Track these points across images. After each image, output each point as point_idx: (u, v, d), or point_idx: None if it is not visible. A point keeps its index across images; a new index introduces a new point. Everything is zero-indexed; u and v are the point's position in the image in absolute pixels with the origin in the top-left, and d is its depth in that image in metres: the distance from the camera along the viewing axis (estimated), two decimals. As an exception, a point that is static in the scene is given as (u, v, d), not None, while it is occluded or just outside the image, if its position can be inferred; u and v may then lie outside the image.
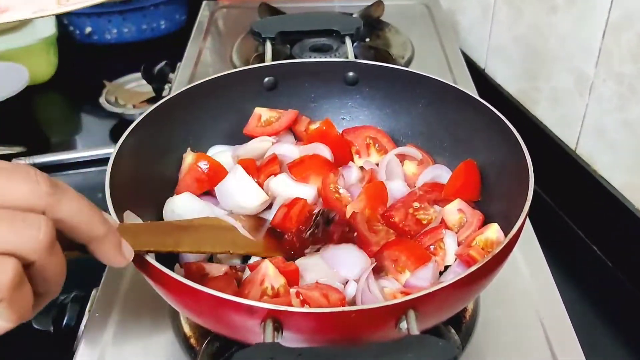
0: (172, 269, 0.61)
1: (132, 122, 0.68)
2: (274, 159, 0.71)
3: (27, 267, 0.35)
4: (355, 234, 0.58)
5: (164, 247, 0.55)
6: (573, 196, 0.98)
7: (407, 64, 1.06)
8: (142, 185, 0.67)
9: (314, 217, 0.60)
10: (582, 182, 0.96)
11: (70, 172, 1.12)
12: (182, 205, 0.67)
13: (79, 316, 0.72)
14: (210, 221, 0.63)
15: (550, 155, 1.00)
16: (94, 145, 1.16)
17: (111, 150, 0.99)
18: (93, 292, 0.73)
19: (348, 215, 0.64)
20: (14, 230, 0.34)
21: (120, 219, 0.57)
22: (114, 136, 1.21)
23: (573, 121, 0.97)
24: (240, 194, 0.64)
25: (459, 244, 0.63)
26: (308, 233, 0.59)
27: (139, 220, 0.62)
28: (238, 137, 0.76)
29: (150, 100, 1.26)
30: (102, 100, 1.25)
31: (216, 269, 0.62)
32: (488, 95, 1.08)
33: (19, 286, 0.34)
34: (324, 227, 0.59)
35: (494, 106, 0.77)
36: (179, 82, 1.07)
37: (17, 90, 1.16)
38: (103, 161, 1.01)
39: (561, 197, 1.00)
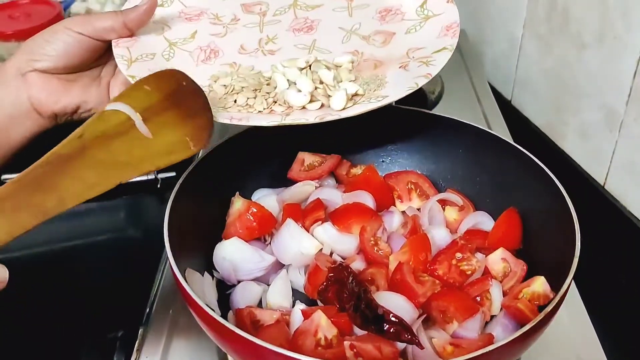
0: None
1: None
2: (319, 204, 0.73)
3: None
4: (416, 338, 0.57)
5: (46, 214, 0.50)
6: (602, 232, 1.00)
7: (438, 98, 1.08)
8: (192, 229, 0.69)
9: (355, 297, 0.61)
10: (611, 217, 0.97)
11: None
12: (232, 251, 0.69)
13: (126, 356, 0.74)
14: (95, 127, 0.56)
15: (578, 190, 1.02)
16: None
17: (141, 178, 1.02)
18: (140, 331, 0.76)
19: (392, 267, 0.66)
20: None
21: (181, 270, 0.59)
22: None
23: (602, 156, 0.99)
24: (296, 246, 0.67)
25: (504, 294, 0.65)
26: (358, 321, 0.60)
27: (199, 276, 0.64)
28: (282, 180, 0.78)
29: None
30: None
31: (268, 316, 0.64)
32: (515, 127, 1.11)
33: None
34: (377, 324, 0.58)
35: (521, 137, 0.78)
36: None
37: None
38: (131, 188, 1.01)
39: (590, 233, 1.02)
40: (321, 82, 0.68)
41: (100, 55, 0.70)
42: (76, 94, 0.70)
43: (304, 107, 0.67)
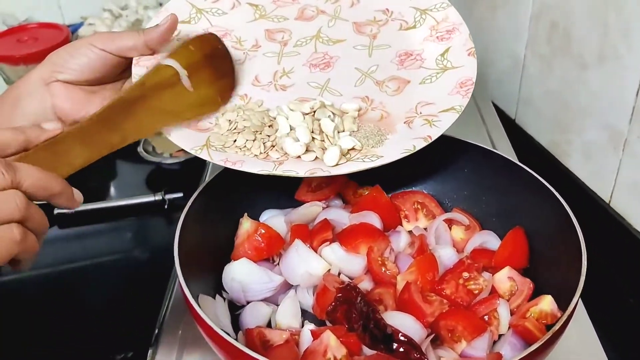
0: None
1: (168, 170, 0.72)
2: (327, 225, 0.73)
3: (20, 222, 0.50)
4: (426, 358, 0.59)
5: (112, 148, 0.61)
6: (608, 250, 1.00)
7: (442, 118, 1.09)
8: (202, 251, 0.70)
9: (364, 318, 0.62)
10: (617, 235, 0.97)
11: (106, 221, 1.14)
12: (241, 272, 0.70)
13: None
14: (153, 77, 0.66)
15: (583, 208, 1.02)
16: (130, 194, 1.19)
17: (148, 199, 1.03)
18: (149, 352, 0.76)
19: (400, 287, 0.67)
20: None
21: (193, 294, 0.60)
22: (150, 185, 1.24)
23: (607, 175, 1.00)
24: (304, 267, 0.67)
25: (511, 313, 0.66)
26: (367, 341, 0.60)
27: (211, 300, 0.66)
28: (289, 201, 0.79)
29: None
30: (139, 149, 1.29)
31: (278, 336, 0.65)
32: (520, 146, 1.12)
33: (24, 235, 0.49)
34: (386, 344, 0.59)
35: (526, 156, 0.78)
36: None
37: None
38: (139, 209, 1.04)
39: (596, 251, 1.02)
40: (321, 132, 0.69)
41: (122, 70, 0.72)
42: (97, 105, 0.70)
43: (299, 157, 0.68)
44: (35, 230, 0.51)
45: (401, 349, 0.58)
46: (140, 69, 0.70)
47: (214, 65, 0.71)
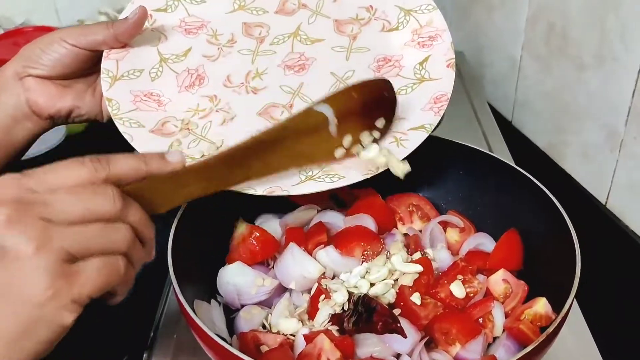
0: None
1: None
2: (321, 227, 0.73)
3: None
4: (399, 324, 0.59)
5: (229, 185, 0.60)
6: (604, 250, 1.00)
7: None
8: (196, 254, 0.70)
9: (354, 303, 0.62)
10: (613, 236, 0.98)
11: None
12: (236, 275, 0.70)
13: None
14: (299, 121, 0.63)
15: (580, 209, 1.02)
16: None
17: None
18: (144, 355, 0.76)
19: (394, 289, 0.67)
20: (108, 235, 0.48)
21: (189, 301, 0.60)
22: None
23: (603, 176, 1.00)
24: (299, 270, 0.67)
25: (505, 315, 0.65)
26: (351, 323, 0.61)
27: (206, 305, 0.66)
28: (284, 204, 0.79)
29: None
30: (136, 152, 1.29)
31: (272, 340, 0.65)
32: (516, 147, 1.12)
33: (127, 268, 0.49)
34: (367, 316, 0.60)
35: (522, 157, 0.77)
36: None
37: (57, 143, 1.19)
38: None
39: (592, 252, 1.02)
40: None
41: (94, 64, 0.72)
42: (70, 99, 0.72)
43: None
44: (135, 265, 0.51)
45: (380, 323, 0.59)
46: (109, 63, 0.71)
47: (369, 115, 0.67)
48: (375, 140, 0.69)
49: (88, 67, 0.72)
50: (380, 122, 0.68)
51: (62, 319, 0.45)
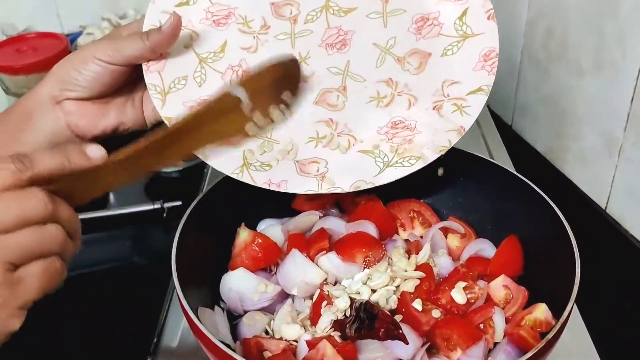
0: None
1: (167, 179, 0.72)
2: (323, 234, 0.74)
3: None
4: (401, 331, 0.60)
5: (149, 171, 0.60)
6: (604, 255, 1.00)
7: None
8: (199, 261, 0.71)
9: (356, 310, 0.62)
10: (613, 241, 0.98)
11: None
12: (239, 281, 0.70)
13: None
14: (215, 105, 0.64)
15: (580, 214, 1.03)
16: (129, 202, 1.19)
17: (147, 207, 1.03)
18: (147, 363, 0.77)
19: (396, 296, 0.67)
20: (44, 238, 0.48)
21: (193, 308, 0.61)
22: (148, 193, 1.24)
23: (603, 181, 1.00)
24: (301, 276, 0.68)
25: (506, 321, 0.66)
26: (353, 329, 0.61)
27: (210, 312, 0.67)
28: (286, 210, 0.80)
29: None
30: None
31: (275, 345, 0.65)
32: (516, 152, 1.12)
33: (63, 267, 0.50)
34: (369, 323, 0.60)
35: (522, 162, 0.77)
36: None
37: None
38: (137, 217, 1.04)
39: (592, 257, 1.02)
40: None
41: (132, 75, 0.70)
42: (113, 116, 0.70)
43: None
44: (67, 260, 0.52)
45: (382, 329, 0.60)
46: (153, 76, 0.68)
47: (277, 89, 0.69)
48: (282, 112, 0.70)
49: (126, 80, 0.70)
50: (286, 95, 0.70)
51: (10, 326, 0.47)
